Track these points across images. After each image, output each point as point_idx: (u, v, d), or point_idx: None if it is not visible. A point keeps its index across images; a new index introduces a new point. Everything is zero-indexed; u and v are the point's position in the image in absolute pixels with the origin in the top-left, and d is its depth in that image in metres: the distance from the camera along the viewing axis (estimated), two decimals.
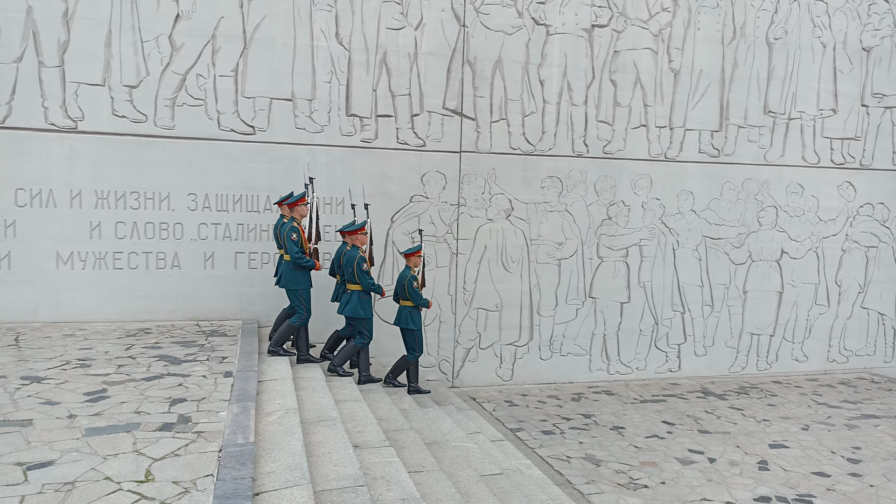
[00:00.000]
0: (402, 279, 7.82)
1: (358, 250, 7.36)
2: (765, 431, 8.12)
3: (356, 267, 7.22)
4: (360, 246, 7.43)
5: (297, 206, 7.29)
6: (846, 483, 6.53)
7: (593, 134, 10.28)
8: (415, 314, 7.87)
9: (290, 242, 7.02)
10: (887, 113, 11.71)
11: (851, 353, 11.87)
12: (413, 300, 7.77)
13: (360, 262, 7.23)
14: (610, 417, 8.53)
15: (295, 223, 7.17)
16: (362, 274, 7.26)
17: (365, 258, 7.36)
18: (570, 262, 10.29)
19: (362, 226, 7.50)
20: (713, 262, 10.98)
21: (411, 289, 7.72)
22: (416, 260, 7.81)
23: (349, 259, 7.31)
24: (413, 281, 7.72)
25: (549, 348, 10.31)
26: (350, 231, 7.44)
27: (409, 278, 7.73)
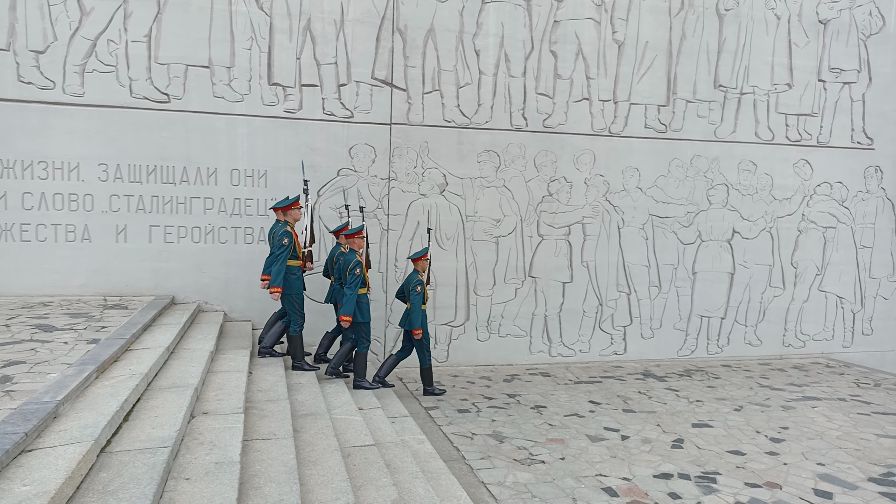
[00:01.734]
0: (407, 283, 7.78)
1: (355, 254, 7.25)
2: (694, 411, 7.76)
3: (350, 271, 7.14)
4: (358, 249, 7.32)
5: (290, 210, 7.19)
6: (759, 461, 6.17)
7: (533, 107, 9.92)
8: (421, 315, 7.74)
9: (280, 246, 6.93)
10: (846, 88, 11.32)
11: (808, 338, 11.49)
12: (411, 305, 7.66)
13: (355, 267, 7.13)
14: (535, 397, 8.19)
15: (288, 227, 7.08)
16: (353, 278, 7.12)
17: (361, 262, 7.25)
18: (509, 239, 9.94)
19: (360, 229, 7.36)
20: (660, 242, 10.62)
21: (413, 294, 7.63)
22: (423, 264, 7.78)
23: (346, 263, 7.22)
24: (418, 285, 7.64)
25: (487, 329, 9.97)
26: (349, 234, 7.34)
27: (414, 282, 7.66)
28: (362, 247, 7.43)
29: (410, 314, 7.71)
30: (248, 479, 3.78)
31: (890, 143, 11.59)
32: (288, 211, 7.20)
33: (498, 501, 5.07)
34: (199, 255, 8.73)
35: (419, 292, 7.63)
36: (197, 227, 8.71)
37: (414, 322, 7.67)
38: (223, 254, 8.82)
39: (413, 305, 7.66)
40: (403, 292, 7.95)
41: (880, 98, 11.48)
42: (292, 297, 7.15)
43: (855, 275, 11.63)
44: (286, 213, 7.21)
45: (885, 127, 11.55)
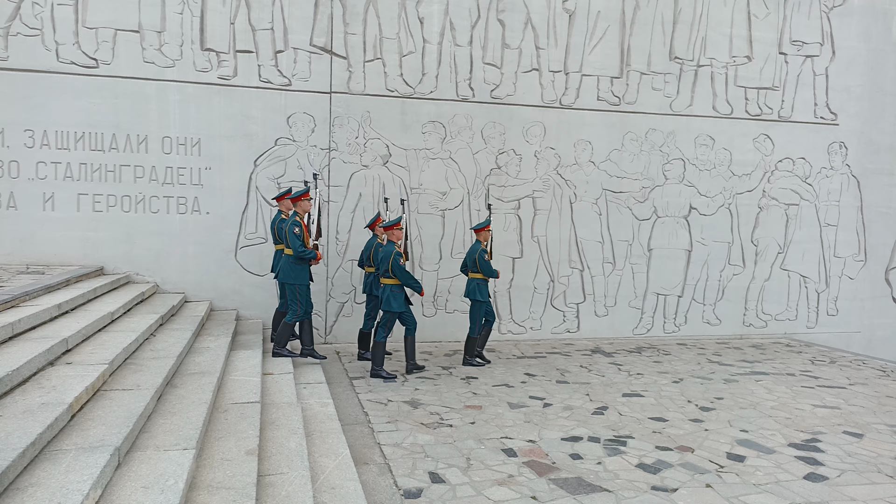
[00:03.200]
0: (472, 252, 8.03)
1: (394, 245, 7.31)
2: (630, 383, 7.51)
3: (392, 262, 7.19)
4: (396, 241, 7.38)
5: (300, 201, 7.18)
6: (680, 427, 5.92)
7: (479, 77, 9.68)
8: (482, 286, 8.04)
9: (293, 236, 6.92)
10: (808, 62, 11.04)
11: (770, 318, 11.21)
12: (483, 272, 7.98)
13: (397, 258, 7.21)
14: (469, 370, 7.94)
15: (297, 217, 7.07)
16: (399, 270, 7.23)
17: (401, 253, 7.34)
18: (456, 213, 9.70)
19: (398, 221, 7.43)
20: (614, 217, 10.36)
21: (482, 261, 7.95)
22: (486, 234, 8.09)
23: (386, 254, 7.27)
24: (484, 254, 7.95)
25: (434, 305, 9.73)
26: (387, 227, 7.41)
27: (479, 252, 7.93)
28: (401, 238, 7.50)
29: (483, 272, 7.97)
30: (78, 422, 3.56)
31: (854, 119, 11.31)
32: (298, 202, 7.18)
33: (387, 459, 4.84)
34: (129, 225, 8.52)
35: (487, 261, 7.99)
36: (127, 196, 8.50)
37: (491, 273, 8.01)
38: (155, 224, 8.60)
39: (483, 266, 7.95)
40: (466, 264, 8.17)
41: (844, 72, 11.20)
42: (296, 286, 7.09)
43: (819, 253, 11.35)
44: (296, 205, 7.19)
45: (850, 102, 11.27)
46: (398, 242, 7.41)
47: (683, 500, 4.36)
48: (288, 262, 7.07)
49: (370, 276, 8.14)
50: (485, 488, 4.40)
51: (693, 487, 4.57)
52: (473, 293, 8.10)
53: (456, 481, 4.50)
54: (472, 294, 8.10)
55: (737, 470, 4.92)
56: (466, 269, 8.24)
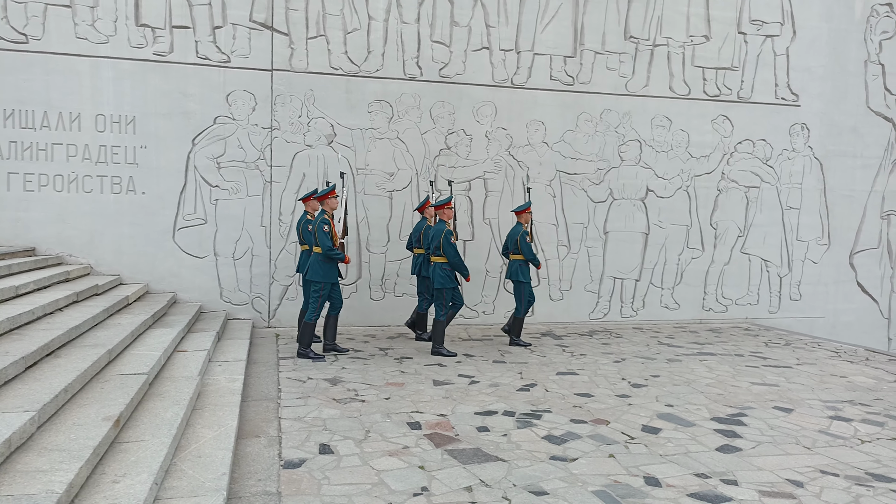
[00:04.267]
0: (513, 234, 8.13)
1: (445, 224, 7.48)
2: (569, 363, 7.31)
3: (443, 240, 7.35)
4: (447, 220, 7.53)
5: (327, 199, 7.20)
6: (603, 402, 5.72)
7: (428, 55, 9.47)
8: (524, 268, 8.09)
9: (322, 234, 6.94)
10: (768, 42, 10.86)
11: (731, 302, 11.02)
12: (525, 255, 8.03)
13: (448, 236, 7.38)
14: (407, 351, 7.74)
15: (326, 216, 7.10)
16: (450, 247, 7.38)
17: (452, 232, 7.48)
18: (404, 194, 9.49)
19: (448, 201, 7.61)
20: (569, 199, 10.16)
21: (524, 243, 8.01)
22: (527, 216, 8.15)
23: (437, 232, 7.44)
24: (525, 235, 8.04)
25: (382, 288, 9.52)
26: (438, 206, 7.62)
27: (521, 234, 8.03)
28: (451, 217, 7.60)
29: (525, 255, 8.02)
30: None
31: (816, 100, 11.13)
32: (325, 200, 7.19)
33: (281, 432, 4.63)
34: (61, 205, 8.30)
35: (529, 243, 8.05)
36: (59, 176, 8.28)
37: (533, 259, 8.03)
38: (88, 204, 8.38)
39: (525, 250, 8.00)
40: (507, 247, 8.25)
41: (806, 52, 11.02)
42: (321, 286, 7.08)
43: (781, 237, 11.17)
44: (323, 203, 7.19)
45: (812, 83, 11.09)
46: (448, 222, 7.54)
47: (580, 468, 4.16)
48: (317, 261, 7.07)
49: (419, 258, 8.26)
50: (372, 459, 4.20)
51: (595, 457, 4.37)
52: (516, 274, 8.12)
53: (345, 452, 4.30)
54: (515, 275, 8.13)
55: (647, 441, 4.72)
56: (507, 252, 8.29)
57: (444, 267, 7.46)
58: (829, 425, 5.29)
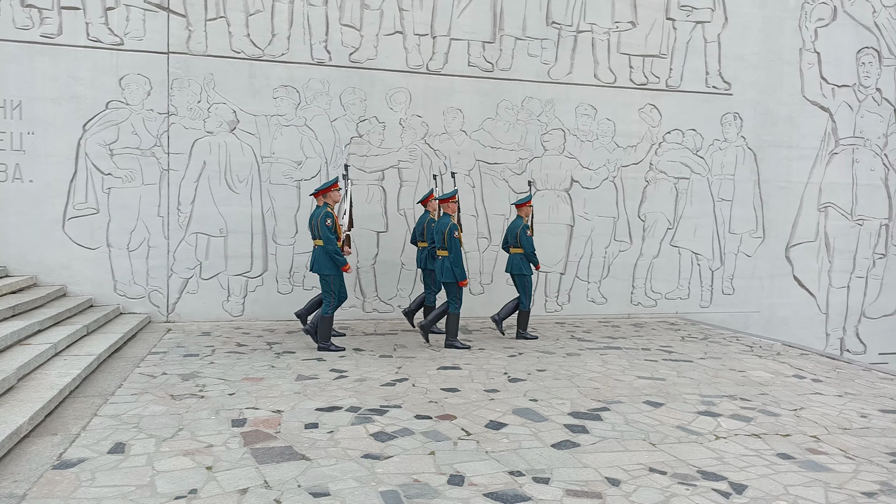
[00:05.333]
0: (514, 228, 8.04)
1: (450, 218, 7.41)
2: (459, 357, 6.99)
3: (448, 233, 7.28)
4: (452, 214, 7.47)
5: (329, 192, 7.12)
6: (464, 397, 5.41)
7: (337, 39, 9.14)
8: (525, 260, 8.05)
9: (325, 228, 6.89)
10: (698, 28, 10.57)
11: (660, 296, 10.74)
12: (525, 249, 7.96)
13: (453, 229, 7.29)
14: (297, 345, 7.40)
15: (329, 209, 7.03)
16: (453, 240, 7.28)
17: (457, 225, 7.41)
18: (313, 183, 9.14)
19: (453, 194, 7.53)
20: (489, 190, 9.85)
21: (524, 238, 7.95)
22: (527, 210, 8.09)
23: (441, 226, 7.37)
24: (526, 229, 7.97)
25: (290, 281, 9.18)
26: (442, 199, 7.52)
27: (521, 227, 7.96)
28: (455, 211, 7.52)
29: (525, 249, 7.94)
30: None
31: (750, 88, 10.86)
32: (328, 193, 7.10)
33: (84, 430, 4.30)
34: None
35: (529, 236, 7.96)
36: None
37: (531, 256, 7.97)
38: None
39: (525, 243, 7.92)
40: (507, 241, 8.16)
41: (738, 39, 10.74)
42: (330, 277, 7.01)
43: (713, 229, 10.89)
44: (326, 196, 7.10)
45: (744, 70, 10.82)
46: (453, 215, 7.49)
47: (387, 467, 3.84)
48: (323, 254, 6.98)
49: (423, 252, 8.21)
50: (161, 459, 3.86)
51: (413, 455, 4.05)
52: (518, 267, 8.04)
53: (136, 452, 3.96)
54: (517, 268, 8.04)
55: (483, 438, 4.41)
56: (507, 245, 8.18)
57: (456, 260, 7.36)
58: (692, 420, 4.99)
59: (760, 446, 4.46)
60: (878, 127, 11.57)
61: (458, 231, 7.40)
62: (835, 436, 4.75)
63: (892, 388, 6.32)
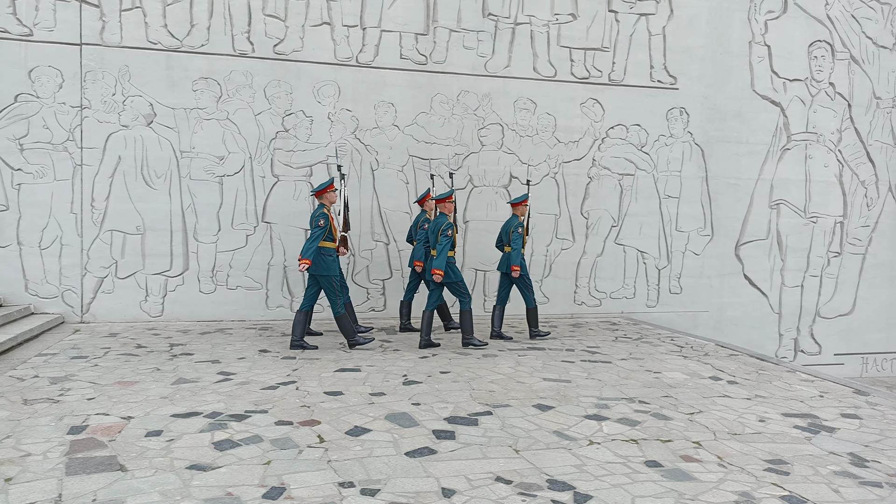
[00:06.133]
0: (508, 227, 7.97)
1: (446, 217, 7.39)
2: (366, 359, 6.68)
3: (440, 233, 7.25)
4: (448, 214, 7.46)
5: (325, 193, 7.10)
6: (344, 402, 5.10)
7: (260, 30, 8.84)
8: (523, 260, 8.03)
9: (316, 227, 6.86)
10: (642, 21, 10.30)
11: (605, 296, 10.45)
12: (512, 246, 7.91)
13: (446, 229, 7.26)
14: (202, 348, 7.08)
15: (324, 209, 7.03)
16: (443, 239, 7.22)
17: (452, 225, 7.40)
18: (236, 179, 8.86)
19: (450, 194, 7.53)
20: (424, 186, 9.54)
21: (515, 236, 7.87)
22: (523, 209, 8.05)
23: (437, 225, 7.36)
24: (519, 228, 7.92)
25: (213, 280, 8.87)
26: (439, 199, 7.51)
27: (514, 226, 7.89)
28: (452, 211, 7.53)
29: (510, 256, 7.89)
30: None
31: (697, 83, 10.59)
32: (324, 194, 7.09)
33: None
34: None
35: (520, 234, 7.88)
36: None
37: (514, 259, 7.87)
38: None
39: (514, 249, 7.86)
40: (501, 239, 8.12)
41: (684, 32, 10.47)
42: (330, 278, 7.02)
43: (659, 227, 10.61)
44: (322, 196, 7.10)
45: (691, 64, 10.55)
46: (450, 215, 7.46)
47: (208, 479, 3.54)
48: (318, 255, 6.94)
49: (418, 250, 8.17)
50: None
51: (247, 465, 3.75)
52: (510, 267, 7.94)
53: None
54: (509, 268, 7.95)
55: (337, 445, 4.11)
56: (502, 244, 8.12)
57: (448, 261, 7.35)
58: (574, 425, 4.70)
59: (632, 453, 4.17)
60: (832, 122, 11.31)
61: (453, 231, 7.39)
62: (720, 441, 4.47)
63: (809, 390, 6.04)
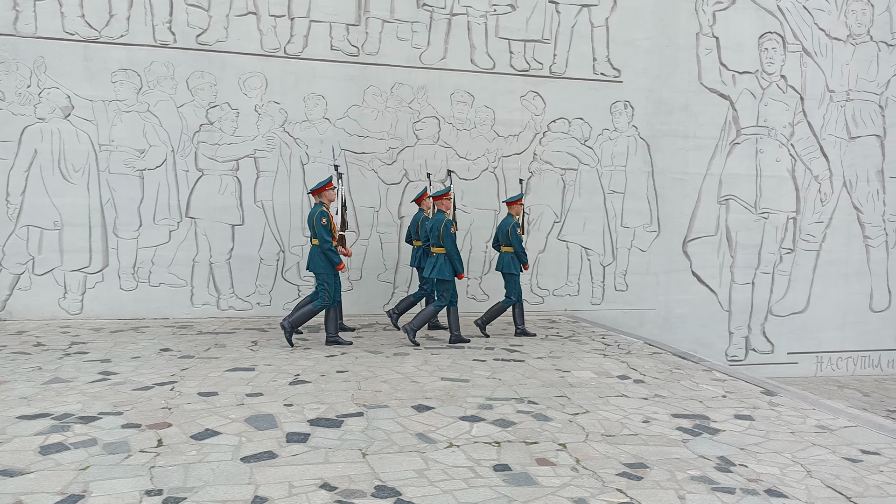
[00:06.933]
0: (504, 226, 8.05)
1: (444, 215, 7.40)
2: (270, 358, 6.46)
3: (443, 231, 7.27)
4: (446, 210, 7.47)
5: (324, 192, 7.14)
6: (212, 403, 4.88)
7: (182, 20, 8.61)
8: (516, 260, 8.03)
9: (321, 227, 6.91)
10: (584, 12, 10.07)
11: (548, 293, 10.24)
12: (514, 248, 7.97)
13: (448, 226, 7.28)
14: (101, 346, 6.86)
15: (324, 208, 7.05)
16: (448, 238, 7.29)
17: (452, 222, 7.41)
18: (158, 173, 8.63)
19: (447, 191, 7.57)
20: (357, 181, 9.33)
21: (515, 236, 7.96)
22: (518, 208, 8.12)
23: (436, 223, 7.35)
24: (517, 228, 8.00)
25: (134, 277, 8.64)
26: (437, 196, 7.53)
27: (511, 225, 7.97)
28: (450, 208, 7.53)
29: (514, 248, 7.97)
30: None
31: (641, 76, 10.37)
32: (322, 192, 7.12)
33: None
34: None
35: (518, 234, 8.00)
36: None
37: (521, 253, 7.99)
38: None
39: (515, 242, 7.95)
40: (498, 239, 8.17)
41: (628, 24, 10.25)
42: (323, 276, 7.03)
43: (603, 223, 10.39)
44: (320, 195, 7.13)
45: (636, 57, 10.33)
46: (447, 212, 7.46)
47: (10, 485, 3.32)
48: (317, 252, 7.00)
49: (418, 250, 8.25)
50: None
51: (61, 471, 3.54)
52: (508, 266, 8.04)
53: None
54: (508, 267, 8.04)
55: (173, 450, 3.89)
56: (498, 244, 8.18)
57: (446, 258, 7.34)
58: (443, 427, 4.48)
59: (487, 456, 3.96)
60: (784, 116, 11.10)
61: (454, 227, 7.42)
62: (589, 444, 4.26)
63: (715, 389, 5.84)
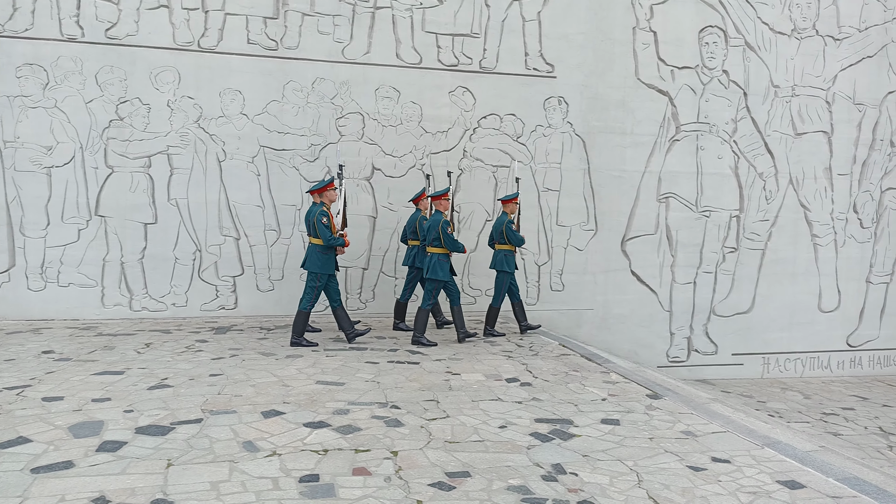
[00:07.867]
0: (499, 224, 8.09)
1: (441, 215, 7.48)
2: (153, 362, 6.23)
3: (441, 230, 7.34)
4: (444, 211, 7.56)
5: (325, 192, 7.23)
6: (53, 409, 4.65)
7: (90, 13, 8.38)
8: (510, 257, 8.11)
9: (321, 226, 7.01)
10: (515, 6, 9.85)
11: (480, 293, 10.01)
12: (511, 241, 8.04)
13: (445, 226, 7.37)
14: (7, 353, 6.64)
15: (324, 207, 7.16)
16: (447, 236, 7.37)
17: (449, 222, 7.48)
18: (66, 171, 8.39)
19: (446, 191, 7.66)
20: (278, 179, 9.10)
21: (510, 231, 7.99)
22: (513, 206, 8.15)
23: (434, 223, 7.42)
24: (511, 224, 8.05)
25: (42, 277, 8.41)
26: (435, 196, 7.62)
27: (506, 223, 7.99)
28: (447, 208, 7.61)
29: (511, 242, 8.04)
30: None
31: (576, 71, 10.15)
32: (324, 192, 7.21)
33: None
34: None
35: (514, 230, 8.07)
36: None
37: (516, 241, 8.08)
38: None
39: (512, 237, 7.99)
40: (493, 237, 8.18)
41: (561, 18, 10.03)
42: (317, 275, 7.13)
43: (538, 221, 10.17)
44: (321, 195, 7.20)
45: (569, 52, 10.11)
46: (445, 212, 7.54)
47: None
48: (315, 252, 7.09)
49: (414, 249, 8.23)
50: None
51: None
52: (501, 264, 8.08)
53: None
54: (500, 265, 8.09)
55: None
56: (493, 242, 8.19)
57: (440, 258, 7.39)
58: (281, 433, 4.25)
59: (303, 466, 3.73)
60: (726, 112, 10.88)
61: (451, 227, 7.46)
62: (424, 451, 4.03)
63: (600, 392, 5.61)
